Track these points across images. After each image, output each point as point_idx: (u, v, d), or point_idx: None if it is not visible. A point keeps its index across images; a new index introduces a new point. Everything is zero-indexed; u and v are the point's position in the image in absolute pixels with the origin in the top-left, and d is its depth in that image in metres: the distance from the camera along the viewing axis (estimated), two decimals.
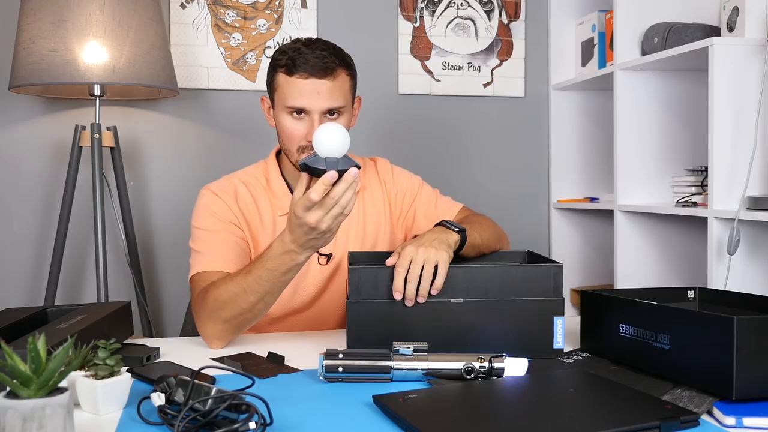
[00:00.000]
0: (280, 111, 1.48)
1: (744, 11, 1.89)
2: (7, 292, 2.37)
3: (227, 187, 1.55)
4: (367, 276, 1.23)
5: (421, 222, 1.64)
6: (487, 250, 1.48)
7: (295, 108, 1.45)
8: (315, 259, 1.55)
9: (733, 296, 1.26)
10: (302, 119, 1.46)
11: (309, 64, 1.43)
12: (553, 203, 2.75)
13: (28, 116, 2.37)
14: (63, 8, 1.94)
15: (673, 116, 2.33)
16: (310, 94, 1.44)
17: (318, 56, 1.43)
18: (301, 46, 1.46)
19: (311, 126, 1.44)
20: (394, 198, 1.65)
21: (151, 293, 2.46)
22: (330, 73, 1.44)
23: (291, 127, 1.47)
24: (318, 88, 1.44)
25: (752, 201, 1.81)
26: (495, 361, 1.09)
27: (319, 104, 1.44)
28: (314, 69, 1.43)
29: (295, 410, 0.98)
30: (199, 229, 1.50)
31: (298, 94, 1.44)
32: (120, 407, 0.99)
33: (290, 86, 1.44)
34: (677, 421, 0.89)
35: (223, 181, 1.57)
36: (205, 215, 1.51)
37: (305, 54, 1.44)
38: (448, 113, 2.68)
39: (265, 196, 1.56)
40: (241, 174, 1.60)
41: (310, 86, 1.43)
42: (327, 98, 1.44)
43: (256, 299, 1.30)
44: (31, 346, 0.78)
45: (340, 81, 1.46)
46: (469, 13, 2.68)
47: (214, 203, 1.52)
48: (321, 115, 1.45)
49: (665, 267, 2.32)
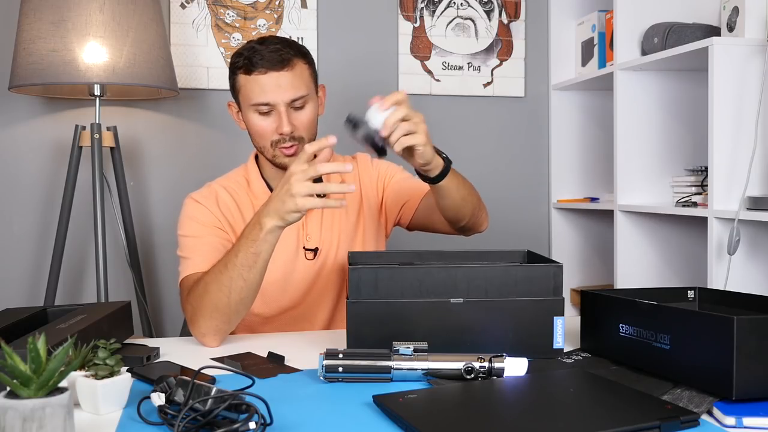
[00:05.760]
0: (247, 111, 1.51)
1: (744, 11, 1.89)
2: (7, 292, 2.37)
3: (208, 194, 1.57)
4: (367, 276, 1.23)
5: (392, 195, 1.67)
6: (468, 206, 1.50)
7: (260, 104, 1.48)
8: (302, 254, 1.57)
9: (733, 296, 1.26)
10: (269, 114, 1.49)
11: (265, 59, 1.46)
12: (553, 203, 2.75)
13: (28, 116, 2.37)
14: (63, 8, 1.94)
15: (673, 116, 2.33)
16: (271, 87, 1.46)
17: (273, 50, 1.47)
18: (255, 44, 1.49)
19: (279, 119, 1.47)
20: (373, 185, 1.68)
21: (151, 293, 2.46)
22: (287, 64, 1.47)
23: (259, 124, 1.50)
24: (278, 80, 1.46)
25: (752, 201, 1.81)
26: (495, 361, 1.09)
27: (282, 96, 1.47)
28: (271, 63, 1.46)
29: (295, 410, 0.98)
30: (184, 237, 1.52)
31: (260, 90, 1.47)
32: (120, 407, 0.99)
33: (251, 84, 1.47)
34: (677, 421, 0.89)
35: (204, 189, 1.60)
36: (189, 222, 1.53)
37: (260, 51, 1.47)
38: (448, 113, 2.68)
39: (246, 197, 1.58)
40: (221, 180, 1.63)
41: (271, 80, 1.46)
42: (289, 89, 1.47)
43: (235, 276, 1.30)
44: (31, 346, 0.78)
45: (299, 70, 1.49)
46: (469, 13, 2.68)
47: (196, 210, 1.54)
48: (287, 107, 1.48)
49: (665, 267, 2.32)
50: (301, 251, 1.57)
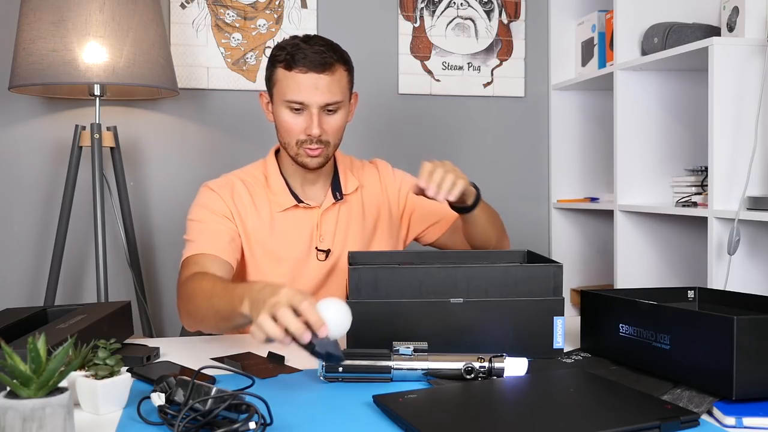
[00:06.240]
0: (279, 105, 1.51)
1: (744, 11, 1.89)
2: (7, 292, 2.37)
3: (224, 184, 1.58)
4: (367, 276, 1.23)
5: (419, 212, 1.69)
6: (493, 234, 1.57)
7: (293, 102, 1.48)
8: (314, 254, 1.57)
9: (733, 296, 1.26)
10: (301, 113, 1.49)
11: (308, 59, 1.46)
12: (553, 203, 2.75)
13: (28, 116, 2.37)
14: (63, 8, 1.94)
15: (673, 116, 2.33)
16: (308, 88, 1.46)
17: (316, 51, 1.46)
18: (300, 42, 1.49)
19: (310, 120, 1.48)
20: (395, 196, 1.68)
21: (151, 293, 2.46)
22: (328, 68, 1.47)
23: (290, 121, 1.50)
24: (316, 82, 1.46)
25: (752, 201, 1.81)
26: (495, 361, 1.09)
27: (317, 98, 1.47)
28: (313, 64, 1.46)
29: (295, 410, 0.98)
30: (192, 221, 1.54)
31: (297, 88, 1.47)
32: (120, 407, 0.99)
33: (289, 81, 1.47)
34: (677, 421, 0.89)
35: (221, 179, 1.61)
36: (200, 209, 1.55)
37: (304, 49, 1.46)
38: (448, 113, 2.68)
39: (263, 193, 1.58)
40: (239, 172, 1.63)
41: (309, 80, 1.46)
42: (325, 93, 1.47)
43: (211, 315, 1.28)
44: (31, 346, 0.78)
45: (338, 76, 1.49)
46: (469, 13, 2.68)
47: (209, 198, 1.56)
48: (319, 110, 1.48)
49: (665, 267, 2.32)
50: (313, 251, 1.57)
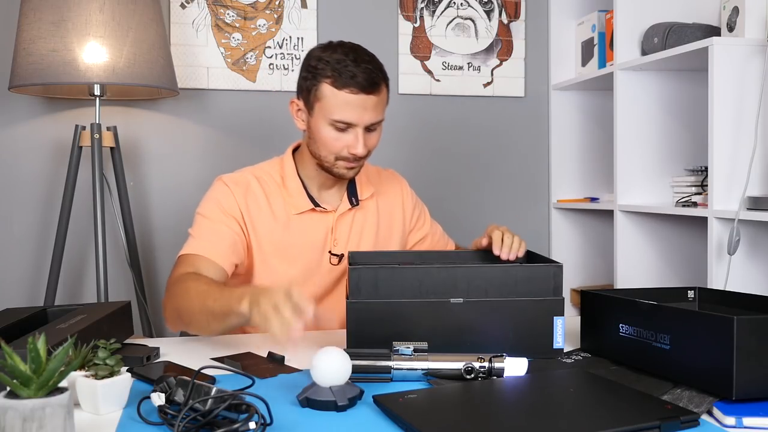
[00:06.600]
0: (322, 121, 1.47)
1: (744, 11, 1.89)
2: (7, 292, 2.37)
3: (240, 180, 1.55)
4: (367, 276, 1.23)
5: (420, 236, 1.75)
6: None
7: (341, 122, 1.45)
8: (327, 258, 1.57)
9: (733, 296, 1.26)
10: (346, 131, 1.46)
11: (357, 80, 1.42)
12: (553, 203, 2.75)
13: (28, 116, 2.37)
14: (63, 8, 1.94)
15: (673, 116, 2.33)
16: (357, 109, 1.44)
17: (364, 70, 1.43)
18: (346, 58, 1.44)
19: (354, 139, 1.46)
20: (411, 212, 1.72)
21: (151, 293, 2.46)
22: (376, 89, 1.45)
23: (334, 137, 1.47)
24: (365, 103, 1.44)
25: (752, 201, 1.81)
26: (495, 361, 1.09)
27: (364, 119, 1.45)
28: (362, 85, 1.43)
29: (295, 410, 0.98)
30: (200, 215, 1.52)
31: (347, 108, 1.44)
32: (120, 407, 0.99)
33: (338, 99, 1.44)
34: (677, 421, 0.89)
35: (237, 174, 1.58)
36: (210, 204, 1.52)
37: (351, 68, 1.43)
38: (448, 113, 2.67)
39: (278, 193, 1.56)
40: (255, 170, 1.60)
41: (359, 101, 1.44)
42: (372, 112, 1.46)
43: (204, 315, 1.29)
44: (31, 346, 0.78)
45: (383, 95, 1.49)
46: (469, 13, 2.68)
47: (223, 193, 1.53)
48: (364, 129, 1.47)
49: (665, 267, 2.32)
50: (326, 255, 1.57)
